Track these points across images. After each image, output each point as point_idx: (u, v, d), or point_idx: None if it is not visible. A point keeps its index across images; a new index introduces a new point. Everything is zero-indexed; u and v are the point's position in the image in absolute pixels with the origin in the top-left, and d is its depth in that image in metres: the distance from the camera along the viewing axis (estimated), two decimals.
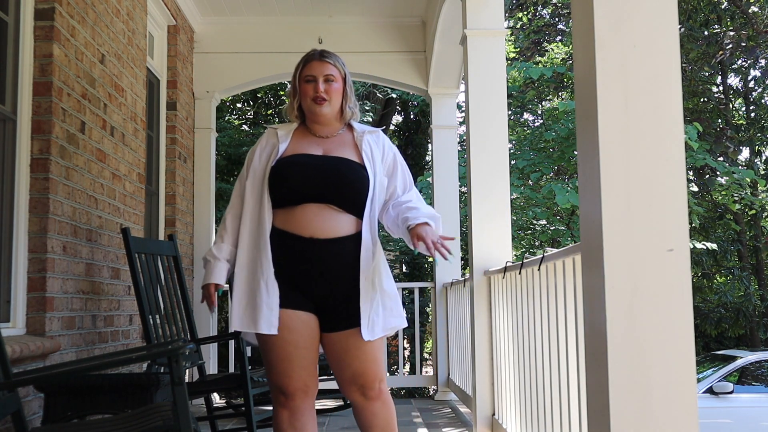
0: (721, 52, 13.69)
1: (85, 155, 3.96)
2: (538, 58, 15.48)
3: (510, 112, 14.20)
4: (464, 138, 4.93)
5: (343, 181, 2.60)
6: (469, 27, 4.23)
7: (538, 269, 3.02)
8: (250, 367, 4.20)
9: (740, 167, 13.52)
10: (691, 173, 14.18)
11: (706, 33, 13.99)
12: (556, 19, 14.70)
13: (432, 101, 6.68)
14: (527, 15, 14.86)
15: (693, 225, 12.37)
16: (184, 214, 6.13)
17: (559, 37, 14.88)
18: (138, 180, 4.86)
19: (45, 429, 2.74)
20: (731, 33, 13.80)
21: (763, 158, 16.58)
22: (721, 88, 16.00)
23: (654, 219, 1.85)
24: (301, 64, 2.72)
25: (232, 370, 6.37)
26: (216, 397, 6.20)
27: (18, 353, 3.07)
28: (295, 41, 6.43)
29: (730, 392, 9.13)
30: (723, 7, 14.40)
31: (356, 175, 2.63)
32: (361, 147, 2.69)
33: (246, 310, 2.59)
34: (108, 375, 3.16)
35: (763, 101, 16.22)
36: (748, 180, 12.52)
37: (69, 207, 3.75)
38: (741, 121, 16.28)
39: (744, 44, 13.71)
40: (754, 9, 14.35)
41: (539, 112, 15.48)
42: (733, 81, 16.53)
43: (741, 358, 9.86)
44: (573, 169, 12.19)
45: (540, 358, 3.10)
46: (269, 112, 12.00)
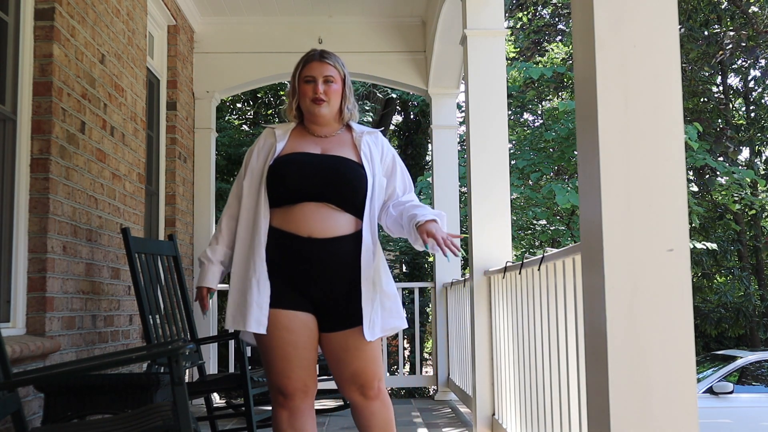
0: (721, 52, 13.69)
1: (85, 155, 3.96)
2: (538, 58, 15.48)
3: (510, 112, 14.19)
4: (464, 138, 4.93)
5: (342, 180, 2.60)
6: (469, 27, 4.23)
7: (538, 269, 3.02)
8: (250, 367, 4.20)
9: (740, 167, 13.53)
10: (691, 173, 14.18)
11: (706, 33, 13.99)
12: (556, 19, 14.70)
13: (432, 101, 6.68)
14: (527, 15, 14.86)
15: (693, 225, 12.37)
16: (184, 214, 6.14)
17: (559, 37, 14.88)
18: (138, 180, 4.86)
19: (45, 429, 2.74)
20: (731, 33, 13.80)
21: (763, 158, 16.59)
22: (721, 88, 16.00)
23: (654, 219, 1.85)
24: (301, 64, 2.71)
25: (232, 370, 6.38)
26: (216, 397, 6.20)
27: (18, 353, 3.07)
28: (295, 41, 6.43)
29: (730, 392, 9.13)
30: (723, 7, 14.40)
31: (354, 174, 2.62)
32: (360, 147, 2.69)
33: (237, 308, 2.59)
34: (108, 375, 3.16)
35: (763, 101, 16.22)
36: (748, 180, 12.53)
37: (69, 207, 3.75)
38: (741, 121, 16.28)
39: (744, 44, 13.71)
40: (754, 9, 14.35)
41: (539, 112, 15.48)
42: (733, 81, 16.54)
43: (741, 358, 9.86)
44: (573, 169, 12.19)
45: (540, 358, 3.10)
46: (269, 112, 12.00)
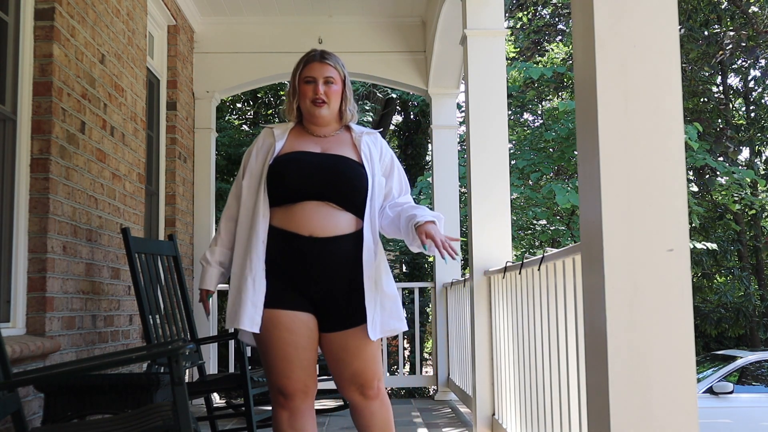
0: (721, 52, 13.69)
1: (85, 155, 3.96)
2: (538, 58, 15.48)
3: (510, 112, 14.19)
4: (464, 138, 4.93)
5: (342, 179, 2.60)
6: (469, 27, 4.23)
7: (538, 269, 3.02)
8: (250, 367, 4.20)
9: (740, 167, 13.52)
10: (691, 173, 14.19)
11: (706, 33, 13.99)
12: (556, 19, 14.70)
13: (432, 101, 6.68)
14: (527, 15, 14.86)
15: (693, 225, 12.37)
16: (184, 214, 6.14)
17: (559, 37, 14.88)
18: (138, 180, 4.86)
19: (45, 429, 2.74)
20: (731, 33, 13.80)
21: (763, 158, 16.59)
22: (721, 88, 16.00)
23: (654, 219, 1.85)
24: (302, 64, 2.71)
25: (232, 370, 6.38)
26: (216, 397, 6.20)
27: (18, 353, 3.07)
28: (295, 41, 6.43)
29: (730, 392, 9.13)
30: (723, 7, 14.40)
31: (355, 173, 2.62)
32: (360, 147, 2.69)
33: (233, 306, 2.59)
34: (108, 375, 3.16)
35: (763, 101, 16.22)
36: (748, 180, 12.52)
37: (69, 207, 3.75)
38: (741, 121, 16.28)
39: (744, 44, 13.71)
40: (754, 9, 14.35)
41: (539, 112, 15.48)
42: (733, 81, 16.54)
43: (741, 358, 9.86)
44: (573, 169, 12.19)
45: (540, 358, 3.10)
46: (269, 112, 12.00)
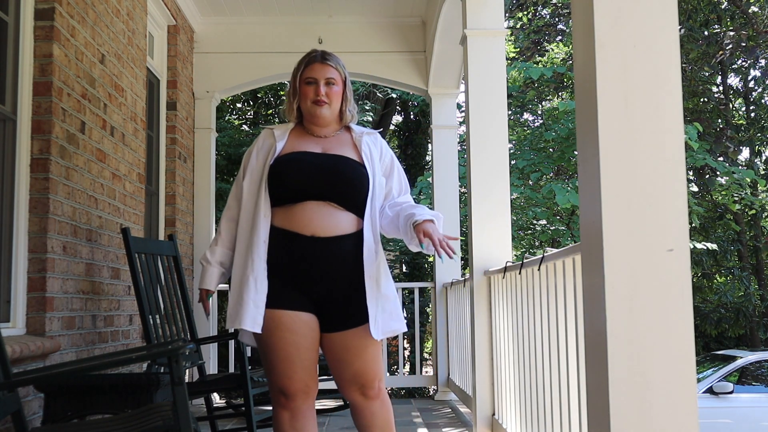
0: (721, 52, 13.69)
1: (85, 155, 3.96)
2: (538, 58, 15.48)
3: (510, 112, 14.20)
4: (464, 138, 4.93)
5: (343, 179, 2.60)
6: (469, 27, 4.23)
7: (538, 269, 3.02)
8: (250, 367, 4.20)
9: (740, 167, 13.52)
10: (691, 173, 14.19)
11: (706, 33, 13.99)
12: (556, 19, 14.71)
13: (432, 101, 6.68)
14: (527, 15, 14.86)
15: (693, 225, 12.37)
16: (184, 214, 6.14)
17: (559, 37, 14.89)
18: (138, 180, 4.86)
19: (45, 429, 2.74)
20: (731, 33, 13.80)
21: (763, 158, 16.59)
22: (721, 88, 16.00)
23: (654, 219, 1.85)
24: (303, 65, 2.71)
25: (232, 370, 6.38)
26: (216, 397, 6.20)
27: (18, 353, 3.07)
28: (295, 41, 6.43)
29: (730, 392, 9.13)
30: (723, 7, 14.40)
31: (356, 173, 2.63)
32: (360, 147, 2.70)
33: (234, 306, 2.58)
34: (108, 375, 3.16)
35: (763, 101, 16.22)
36: (748, 180, 12.52)
37: (69, 207, 3.75)
38: (741, 121, 16.28)
39: (744, 44, 13.71)
40: (754, 9, 14.35)
41: (539, 112, 15.48)
42: (733, 81, 16.54)
43: (741, 358, 9.86)
44: (573, 169, 12.19)
45: (540, 358, 3.10)
46: (269, 112, 12.00)
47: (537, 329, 3.13)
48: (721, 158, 13.37)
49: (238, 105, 12.13)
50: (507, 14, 14.29)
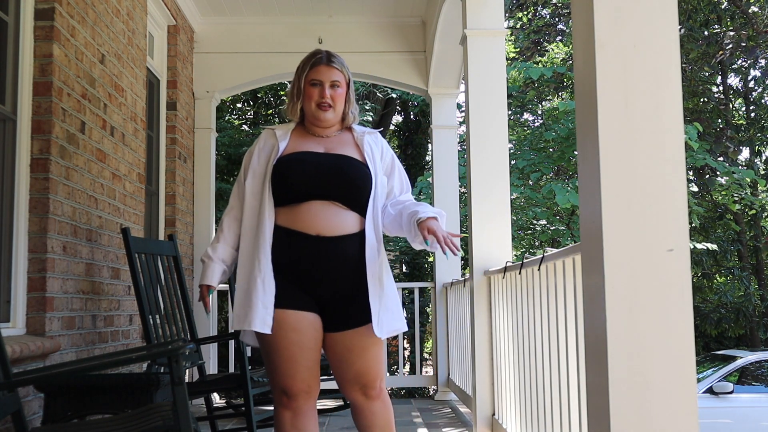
0: (721, 52, 13.69)
1: (85, 155, 3.96)
2: (538, 58, 15.48)
3: (510, 112, 14.19)
4: (464, 138, 4.93)
5: (347, 178, 2.60)
6: (469, 27, 4.23)
7: (538, 269, 3.02)
8: (250, 367, 4.20)
9: (740, 167, 13.53)
10: (691, 173, 14.19)
11: (706, 33, 13.99)
12: (556, 19, 14.71)
13: (432, 101, 6.68)
14: (527, 15, 14.86)
15: (693, 225, 12.36)
16: (184, 214, 6.14)
17: (559, 37, 14.88)
18: (138, 180, 4.86)
19: (45, 429, 2.74)
20: (731, 33, 13.80)
21: (763, 158, 16.58)
22: (721, 88, 16.00)
23: (654, 219, 1.85)
24: (308, 66, 2.69)
25: (232, 370, 6.38)
26: (216, 397, 6.20)
27: (18, 353, 3.07)
28: (295, 41, 6.43)
29: (730, 392, 9.13)
30: (723, 7, 14.39)
31: (359, 172, 2.63)
32: (363, 147, 2.70)
33: (242, 308, 2.57)
34: (108, 375, 3.16)
35: (763, 101, 16.22)
36: (748, 180, 12.53)
37: (69, 207, 3.75)
38: (741, 121, 16.27)
39: (744, 44, 13.71)
40: (754, 9, 14.34)
41: (539, 112, 15.48)
42: (733, 81, 16.54)
43: (741, 358, 9.86)
44: (573, 169, 12.19)
45: (540, 358, 3.10)
46: (269, 112, 12.00)
47: (537, 329, 3.13)
48: (721, 158, 13.37)
49: (238, 105, 12.13)
50: (507, 14, 14.29)
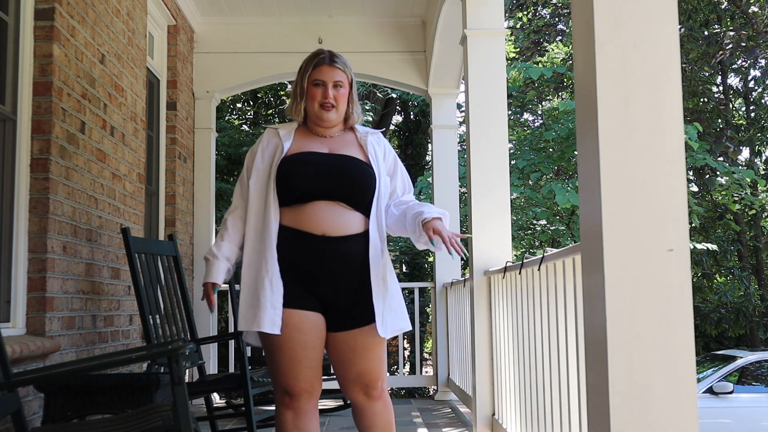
0: (721, 52, 13.69)
1: (85, 155, 3.96)
2: (538, 58, 15.47)
3: (510, 112, 14.19)
4: (464, 138, 4.93)
5: (352, 179, 2.60)
6: (469, 27, 4.23)
7: (538, 269, 3.02)
8: (250, 367, 4.20)
9: (740, 167, 13.52)
10: (691, 173, 14.19)
11: (706, 33, 13.99)
12: (556, 19, 14.70)
13: (432, 101, 6.68)
14: (527, 15, 14.86)
15: (693, 225, 12.36)
16: (184, 214, 6.14)
17: (559, 37, 14.88)
18: (138, 180, 4.86)
19: (45, 429, 2.74)
20: (731, 33, 13.80)
21: (763, 158, 16.58)
22: (721, 88, 16.00)
23: (654, 219, 1.85)
24: (311, 66, 2.68)
25: (232, 370, 6.37)
26: (216, 397, 6.20)
27: (18, 353, 3.07)
28: (295, 41, 6.43)
29: (730, 392, 9.12)
30: (723, 7, 14.39)
31: (363, 173, 2.63)
32: (366, 147, 2.70)
33: (250, 308, 2.55)
34: (108, 375, 3.16)
35: (763, 101, 16.22)
36: (748, 180, 12.52)
37: (69, 207, 3.75)
38: (741, 121, 16.27)
39: (744, 44, 13.70)
40: (754, 9, 14.34)
41: (539, 112, 15.48)
42: (733, 81, 16.54)
43: (741, 358, 9.86)
44: (573, 169, 12.19)
45: (540, 358, 3.10)
46: (269, 112, 12.01)
47: (537, 329, 3.13)
48: (721, 158, 13.37)
49: (238, 105, 12.14)
50: (507, 14, 14.29)
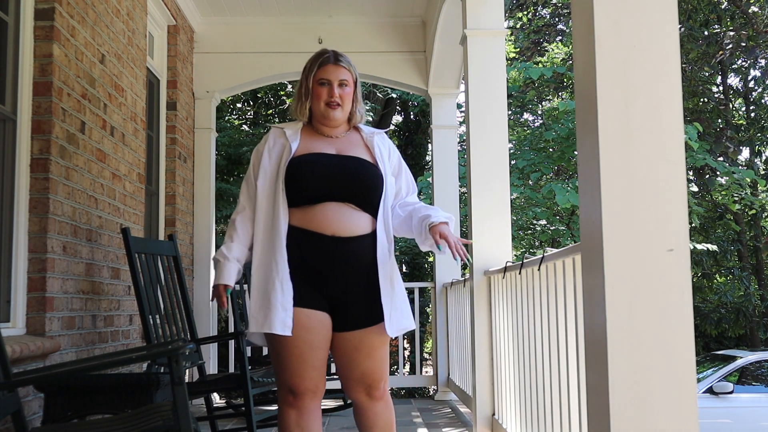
0: (721, 52, 13.69)
1: (85, 155, 3.96)
2: (538, 58, 15.47)
3: (510, 112, 14.19)
4: (464, 138, 4.93)
5: (361, 180, 2.61)
6: (469, 27, 4.23)
7: (538, 269, 3.02)
8: (250, 367, 4.20)
9: (740, 167, 13.52)
10: (691, 173, 14.18)
11: (706, 33, 13.99)
12: (556, 19, 14.70)
13: (432, 101, 6.68)
14: (527, 15, 14.86)
15: (693, 225, 12.36)
16: (184, 214, 6.13)
17: (559, 37, 14.88)
18: (138, 180, 4.86)
19: (45, 429, 2.74)
20: (731, 33, 13.80)
21: (763, 158, 16.58)
22: (721, 88, 16.00)
23: (654, 219, 1.85)
24: (316, 66, 2.69)
25: (232, 370, 6.37)
26: (216, 397, 6.20)
27: (18, 353, 3.07)
28: (295, 41, 6.43)
29: (730, 392, 9.13)
30: (723, 7, 14.39)
31: (371, 174, 2.64)
32: (373, 147, 2.70)
33: (260, 310, 2.56)
34: (108, 375, 3.16)
35: (763, 101, 16.22)
36: (748, 180, 12.52)
37: (69, 207, 3.75)
38: (741, 121, 16.27)
39: (744, 44, 13.70)
40: (754, 9, 14.34)
41: (539, 112, 15.48)
42: (733, 81, 16.54)
43: (741, 358, 9.86)
44: (573, 169, 12.20)
45: (540, 358, 3.10)
46: (269, 112, 12.00)
47: (537, 329, 3.13)
48: (721, 158, 13.37)
49: (238, 105, 12.13)
50: (507, 14, 14.29)
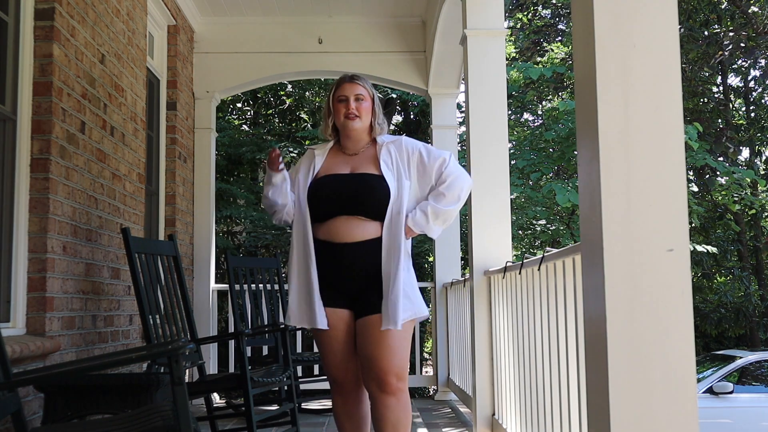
0: (721, 52, 13.69)
1: (85, 155, 3.96)
2: (538, 58, 15.47)
3: (510, 112, 14.19)
4: (464, 138, 4.93)
5: (366, 196, 2.92)
6: (469, 27, 4.23)
7: (538, 269, 3.02)
8: (250, 367, 4.20)
9: (740, 167, 13.52)
10: (691, 173, 14.18)
11: (706, 33, 13.98)
12: (556, 19, 14.71)
13: (432, 101, 6.67)
14: (527, 15, 14.86)
15: (693, 225, 12.36)
16: (184, 214, 6.13)
17: (559, 37, 14.88)
18: (138, 180, 4.86)
19: (45, 429, 2.74)
20: (731, 33, 13.80)
21: (763, 158, 16.58)
22: (721, 88, 16.00)
23: (654, 219, 1.85)
24: (334, 87, 3.05)
25: (232, 370, 6.38)
26: (216, 397, 6.19)
27: (18, 353, 3.07)
28: (295, 41, 6.44)
29: (730, 392, 9.13)
30: (723, 7, 14.39)
31: (375, 190, 2.93)
32: (380, 158, 2.98)
33: (307, 307, 2.95)
34: (108, 375, 3.16)
35: (763, 101, 16.21)
36: (748, 180, 12.52)
37: (69, 207, 3.75)
38: (741, 121, 16.27)
39: (744, 44, 13.70)
40: (754, 9, 14.33)
41: (539, 112, 15.47)
42: (733, 81, 16.53)
43: (741, 358, 9.86)
44: (573, 169, 12.19)
45: (540, 358, 3.10)
46: (269, 112, 12.00)
47: (537, 329, 3.13)
48: (721, 158, 13.37)
49: (238, 105, 12.13)
50: (507, 14, 14.29)
